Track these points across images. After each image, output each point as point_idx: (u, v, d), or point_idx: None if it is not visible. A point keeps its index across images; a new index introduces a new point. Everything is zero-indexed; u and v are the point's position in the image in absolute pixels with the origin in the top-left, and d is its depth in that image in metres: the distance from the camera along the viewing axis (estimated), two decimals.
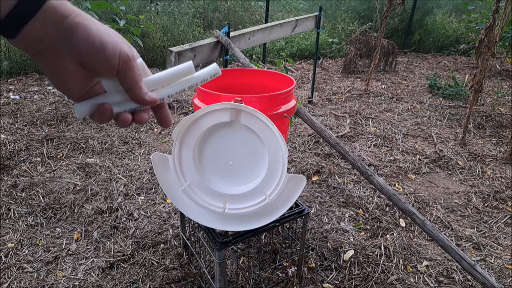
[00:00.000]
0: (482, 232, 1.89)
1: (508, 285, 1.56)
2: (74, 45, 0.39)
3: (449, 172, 2.45)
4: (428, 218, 1.98)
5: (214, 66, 0.51)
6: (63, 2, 0.39)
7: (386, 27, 4.28)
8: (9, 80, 3.82)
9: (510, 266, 1.65)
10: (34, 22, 0.37)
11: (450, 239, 1.77)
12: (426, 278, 1.57)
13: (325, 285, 1.50)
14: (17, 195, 1.99)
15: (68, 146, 2.53)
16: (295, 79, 4.13)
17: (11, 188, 2.03)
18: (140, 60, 0.46)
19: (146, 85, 0.46)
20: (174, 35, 4.71)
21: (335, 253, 1.67)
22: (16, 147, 2.47)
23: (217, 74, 0.51)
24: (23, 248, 1.65)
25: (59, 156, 2.42)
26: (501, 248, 1.78)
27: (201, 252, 1.55)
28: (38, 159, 2.36)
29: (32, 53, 0.40)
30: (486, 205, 2.11)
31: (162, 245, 1.69)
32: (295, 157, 2.53)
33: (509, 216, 2.02)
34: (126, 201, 1.99)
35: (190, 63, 0.49)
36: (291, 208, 1.38)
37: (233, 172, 1.22)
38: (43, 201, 1.94)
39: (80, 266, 1.57)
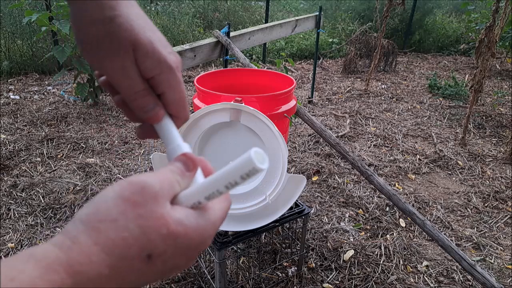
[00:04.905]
0: (482, 232, 1.89)
1: (508, 285, 1.56)
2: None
3: (449, 172, 2.45)
4: (428, 218, 1.98)
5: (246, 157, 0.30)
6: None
7: (386, 27, 4.28)
8: (9, 80, 3.82)
9: (510, 266, 1.65)
10: None
11: (450, 239, 1.77)
12: (426, 278, 1.57)
13: (325, 285, 1.50)
14: (17, 195, 1.99)
15: (68, 146, 2.53)
16: (295, 79, 4.13)
17: (11, 188, 2.03)
18: None
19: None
20: (174, 35, 4.72)
21: (335, 253, 1.67)
22: (16, 147, 2.47)
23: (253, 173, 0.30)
24: (23, 248, 1.65)
25: (59, 156, 2.42)
26: (501, 248, 1.78)
27: (201, 252, 1.54)
28: (38, 159, 2.36)
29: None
30: (486, 205, 2.11)
31: None
32: (295, 157, 2.53)
33: (509, 216, 2.02)
34: None
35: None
36: (291, 208, 1.38)
37: None
38: (43, 201, 1.94)
39: None
